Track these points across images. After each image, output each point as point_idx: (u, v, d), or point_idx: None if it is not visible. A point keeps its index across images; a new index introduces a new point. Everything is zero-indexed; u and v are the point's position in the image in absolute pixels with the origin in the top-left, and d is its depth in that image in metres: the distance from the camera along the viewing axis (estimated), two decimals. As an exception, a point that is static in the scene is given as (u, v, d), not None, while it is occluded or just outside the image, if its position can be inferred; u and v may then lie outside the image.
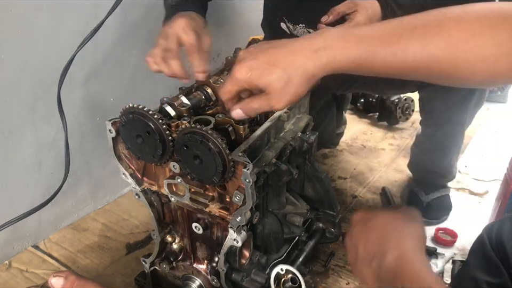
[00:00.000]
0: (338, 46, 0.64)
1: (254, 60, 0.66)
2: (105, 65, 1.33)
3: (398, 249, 0.63)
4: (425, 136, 1.40)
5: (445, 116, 1.30)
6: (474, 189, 1.59)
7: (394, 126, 2.00)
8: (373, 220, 0.69)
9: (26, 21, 1.09)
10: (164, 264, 0.99)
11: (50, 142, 1.26)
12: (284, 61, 0.64)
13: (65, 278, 0.69)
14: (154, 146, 0.79)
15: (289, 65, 0.64)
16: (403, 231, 0.67)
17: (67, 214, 1.39)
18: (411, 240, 0.66)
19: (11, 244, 1.26)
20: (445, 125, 1.32)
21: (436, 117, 1.33)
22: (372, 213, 0.71)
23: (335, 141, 1.84)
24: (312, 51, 0.64)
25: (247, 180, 0.73)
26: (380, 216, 0.70)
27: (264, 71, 0.64)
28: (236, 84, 0.67)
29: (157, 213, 0.95)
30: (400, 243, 0.64)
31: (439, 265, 1.21)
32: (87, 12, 1.20)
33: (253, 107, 0.68)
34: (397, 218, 0.69)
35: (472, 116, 1.33)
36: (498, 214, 1.29)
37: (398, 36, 0.62)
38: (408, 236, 0.66)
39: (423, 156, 1.45)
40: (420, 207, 1.42)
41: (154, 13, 1.42)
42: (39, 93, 1.18)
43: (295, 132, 0.95)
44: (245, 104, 0.69)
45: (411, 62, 0.62)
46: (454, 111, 1.29)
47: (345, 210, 1.47)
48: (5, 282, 1.18)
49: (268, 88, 0.65)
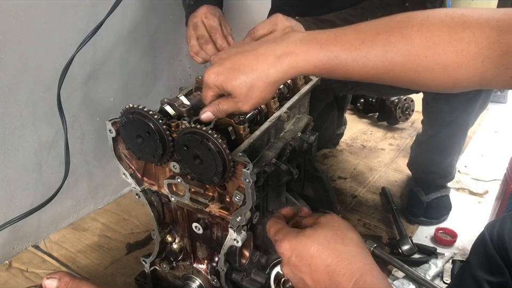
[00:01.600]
0: (300, 51, 0.65)
1: (220, 66, 0.68)
2: (105, 65, 1.33)
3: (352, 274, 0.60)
4: (427, 136, 1.40)
5: (449, 117, 1.30)
6: (474, 189, 1.59)
7: (394, 126, 2.00)
8: (305, 248, 0.64)
9: (26, 21, 1.09)
10: (164, 264, 0.99)
11: (50, 142, 1.26)
12: (247, 66, 0.66)
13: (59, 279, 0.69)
14: (154, 146, 0.79)
15: (252, 71, 0.66)
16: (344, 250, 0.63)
17: (67, 214, 1.40)
18: (359, 256, 0.62)
19: (11, 244, 1.26)
20: (448, 126, 1.32)
21: (440, 118, 1.33)
22: (297, 240, 0.65)
23: (335, 141, 1.84)
24: (275, 57, 0.66)
25: (247, 180, 0.73)
26: (311, 242, 0.64)
27: (228, 76, 0.67)
28: (209, 89, 0.70)
29: (157, 213, 0.95)
30: (351, 265, 0.61)
31: (439, 265, 1.21)
32: (87, 12, 1.20)
33: (222, 108, 0.71)
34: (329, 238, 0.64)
35: (477, 117, 1.33)
36: (498, 213, 1.29)
37: (360, 42, 0.63)
38: (353, 253, 0.63)
39: (424, 156, 1.45)
40: (420, 207, 1.43)
41: (154, 13, 1.42)
42: (39, 93, 1.18)
43: (295, 132, 0.95)
44: (214, 106, 0.72)
45: (372, 67, 0.63)
46: (459, 113, 1.28)
47: (345, 210, 1.47)
48: (5, 282, 1.18)
49: (233, 93, 0.68)
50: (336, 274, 0.60)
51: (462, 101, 1.25)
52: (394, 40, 0.62)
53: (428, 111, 1.38)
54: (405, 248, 1.24)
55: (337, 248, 0.62)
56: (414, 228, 1.40)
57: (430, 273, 1.19)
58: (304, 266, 0.63)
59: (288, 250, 0.66)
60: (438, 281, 1.20)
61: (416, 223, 1.41)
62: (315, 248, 0.63)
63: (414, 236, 1.37)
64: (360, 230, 1.38)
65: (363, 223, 1.42)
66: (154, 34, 1.45)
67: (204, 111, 0.73)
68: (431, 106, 1.35)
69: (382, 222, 1.42)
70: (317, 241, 0.63)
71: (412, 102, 1.96)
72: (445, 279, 1.20)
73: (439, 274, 1.21)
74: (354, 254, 0.62)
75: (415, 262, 1.23)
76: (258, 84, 0.66)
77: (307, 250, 0.63)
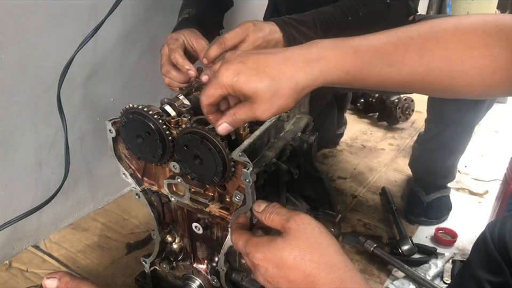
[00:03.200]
0: (332, 56, 0.60)
1: (242, 63, 0.61)
2: (105, 65, 1.33)
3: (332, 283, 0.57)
4: (430, 135, 1.39)
5: (455, 116, 1.28)
6: (474, 189, 1.59)
7: (394, 126, 2.00)
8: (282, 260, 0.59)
9: (26, 21, 1.09)
10: (164, 264, 0.99)
11: (50, 142, 1.26)
12: (274, 69, 0.60)
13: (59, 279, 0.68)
14: (154, 146, 0.79)
15: (279, 75, 0.60)
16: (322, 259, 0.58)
17: (67, 214, 1.39)
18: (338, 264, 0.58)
19: (11, 244, 1.26)
20: (453, 125, 1.31)
21: (446, 117, 1.31)
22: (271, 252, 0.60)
23: (335, 141, 1.84)
24: (305, 61, 0.60)
25: (247, 180, 0.73)
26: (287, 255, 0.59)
27: (252, 77, 0.60)
28: (220, 88, 0.62)
29: (157, 213, 0.95)
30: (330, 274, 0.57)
31: (439, 265, 1.21)
32: (87, 12, 1.20)
33: (240, 118, 0.64)
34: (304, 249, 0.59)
35: (483, 117, 1.32)
36: (498, 213, 1.30)
37: (394, 46, 0.60)
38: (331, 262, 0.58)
39: (426, 155, 1.45)
40: (420, 207, 1.43)
41: (154, 13, 1.42)
42: (39, 93, 1.18)
43: (295, 132, 0.95)
44: (230, 116, 0.65)
45: (407, 73, 0.60)
46: (465, 112, 1.27)
47: (345, 210, 1.47)
48: (5, 282, 1.18)
49: (254, 97, 0.61)
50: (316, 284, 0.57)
51: (469, 100, 1.23)
52: (429, 44, 0.60)
53: (433, 110, 1.37)
54: (405, 248, 1.24)
55: (314, 259, 0.58)
56: (414, 227, 1.40)
57: (430, 273, 1.19)
58: (281, 278, 0.59)
59: (263, 262, 0.60)
60: (438, 281, 1.20)
61: (416, 223, 1.41)
62: (291, 261, 0.58)
63: (414, 236, 1.37)
64: (360, 230, 1.38)
65: (363, 223, 1.42)
66: (154, 34, 1.45)
67: (220, 123, 0.66)
68: (436, 104, 1.33)
69: (382, 222, 1.42)
70: (292, 253, 0.58)
71: (412, 102, 1.96)
72: (445, 279, 1.20)
73: (439, 274, 1.21)
74: (333, 263, 0.58)
75: (415, 262, 1.23)
76: (285, 90, 0.60)
77: (283, 262, 0.58)
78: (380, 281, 1.20)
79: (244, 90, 0.61)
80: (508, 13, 3.45)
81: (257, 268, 0.62)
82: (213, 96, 0.64)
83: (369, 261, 1.26)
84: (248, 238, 0.64)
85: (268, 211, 0.65)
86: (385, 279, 1.21)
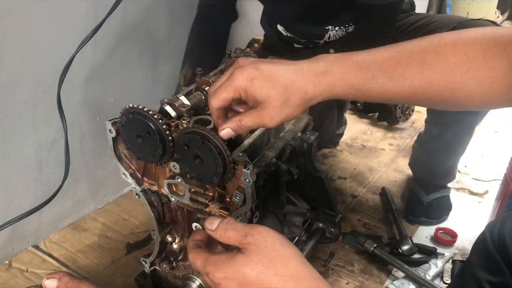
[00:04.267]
0: (337, 70, 0.63)
1: (256, 69, 0.63)
2: (105, 65, 1.33)
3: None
4: (430, 135, 1.39)
5: (455, 117, 1.28)
6: (474, 189, 1.59)
7: (394, 126, 2.00)
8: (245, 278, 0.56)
9: (26, 21, 1.09)
10: (164, 264, 0.99)
11: (50, 142, 1.26)
12: (286, 78, 0.62)
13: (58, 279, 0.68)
14: (154, 146, 0.79)
15: (291, 84, 0.62)
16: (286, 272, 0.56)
17: (67, 214, 1.39)
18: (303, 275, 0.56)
19: (11, 244, 1.26)
20: (453, 125, 1.30)
21: (446, 117, 1.31)
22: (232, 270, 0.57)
23: (335, 141, 1.84)
24: (313, 74, 0.63)
25: (247, 180, 0.73)
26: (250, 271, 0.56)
27: (266, 83, 0.62)
28: (233, 91, 0.64)
29: (157, 213, 0.95)
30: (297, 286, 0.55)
31: (439, 265, 1.21)
32: (87, 12, 1.20)
33: (245, 125, 0.65)
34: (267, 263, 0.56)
35: (483, 117, 1.32)
36: (498, 214, 1.30)
37: (395, 61, 0.63)
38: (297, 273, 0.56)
39: (426, 155, 1.45)
40: (420, 207, 1.42)
41: (154, 13, 1.42)
42: (39, 93, 1.18)
43: (295, 132, 0.95)
44: (236, 122, 0.66)
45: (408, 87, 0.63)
46: (466, 113, 1.27)
47: (345, 210, 1.47)
48: (5, 282, 1.18)
49: (265, 103, 0.63)
50: None
51: None
52: (429, 58, 0.62)
53: (433, 110, 1.36)
54: (405, 248, 1.24)
55: (278, 272, 0.56)
56: (414, 228, 1.40)
57: (430, 273, 1.19)
58: None
59: (224, 281, 0.58)
60: (438, 281, 1.20)
61: (416, 223, 1.41)
62: (254, 277, 0.56)
63: (414, 236, 1.37)
64: (360, 230, 1.38)
65: (363, 223, 1.42)
66: (154, 34, 1.45)
67: (223, 127, 0.67)
68: None
69: (382, 222, 1.42)
70: (255, 269, 0.56)
71: (412, 102, 1.96)
72: (445, 279, 1.20)
73: (439, 274, 1.21)
74: (298, 274, 0.56)
75: (415, 262, 1.23)
76: (295, 99, 0.63)
77: (247, 280, 0.56)
78: (380, 281, 1.20)
79: (257, 95, 0.63)
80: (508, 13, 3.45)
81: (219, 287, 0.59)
82: (225, 100, 0.65)
83: (369, 261, 1.26)
84: (207, 257, 0.61)
85: (222, 228, 0.62)
86: (385, 279, 1.21)
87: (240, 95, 0.64)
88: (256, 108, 0.64)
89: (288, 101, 0.63)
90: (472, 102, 0.63)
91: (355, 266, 1.24)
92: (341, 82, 0.63)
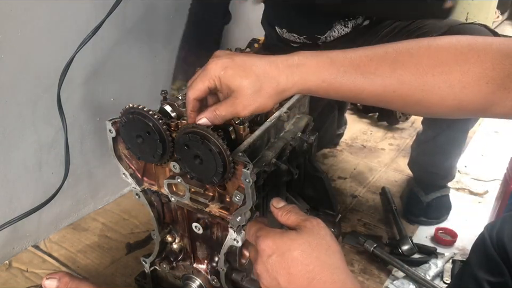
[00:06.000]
0: (311, 64, 0.65)
1: (231, 59, 0.65)
2: (105, 65, 1.33)
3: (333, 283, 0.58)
4: (426, 137, 1.39)
5: (447, 121, 1.28)
6: (474, 188, 1.59)
7: (394, 126, 2.00)
8: (289, 250, 0.60)
9: (26, 21, 1.09)
10: (164, 264, 0.99)
11: (50, 142, 1.26)
12: (259, 68, 0.65)
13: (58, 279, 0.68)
14: (154, 146, 0.79)
15: (264, 74, 0.64)
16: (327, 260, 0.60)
17: (67, 214, 1.40)
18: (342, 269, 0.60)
19: (11, 244, 1.26)
20: (447, 129, 1.31)
21: (439, 121, 1.31)
22: (282, 240, 0.61)
23: (335, 141, 1.84)
24: (287, 66, 0.65)
25: (247, 180, 0.73)
26: (296, 246, 0.60)
27: (239, 72, 0.64)
28: (208, 80, 0.66)
29: (157, 213, 0.95)
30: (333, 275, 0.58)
31: (439, 265, 1.21)
32: (87, 12, 1.20)
33: (219, 114, 0.68)
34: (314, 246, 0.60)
35: (476, 121, 1.32)
36: (498, 214, 1.30)
37: (368, 59, 0.64)
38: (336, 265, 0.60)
39: (424, 157, 1.45)
40: (420, 207, 1.42)
41: (154, 13, 1.42)
42: (39, 93, 1.18)
43: (295, 132, 0.95)
44: (211, 112, 0.69)
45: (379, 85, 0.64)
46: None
47: (345, 210, 1.47)
48: (5, 282, 1.18)
49: (238, 91, 0.65)
50: (317, 281, 0.58)
51: None
52: (402, 58, 0.63)
53: None
54: (405, 248, 1.24)
55: (320, 257, 0.59)
56: (414, 227, 1.40)
57: (430, 273, 1.19)
58: (282, 268, 0.60)
59: (270, 248, 0.61)
60: (438, 281, 1.20)
61: (416, 223, 1.41)
62: (298, 253, 0.59)
63: (414, 235, 1.37)
64: (360, 230, 1.38)
65: (363, 223, 1.42)
66: (154, 34, 1.45)
67: (200, 117, 0.70)
68: None
69: (382, 222, 1.42)
70: (301, 246, 0.60)
71: (412, 102, 1.96)
72: (445, 279, 1.20)
73: (439, 274, 1.22)
74: (337, 266, 0.60)
75: (415, 262, 1.23)
76: (267, 89, 0.65)
77: (290, 253, 0.60)
78: (380, 281, 1.20)
79: (230, 83, 0.65)
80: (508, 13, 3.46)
81: (260, 255, 0.62)
82: (200, 90, 0.68)
83: (369, 261, 1.26)
84: (263, 227, 0.66)
85: (286, 209, 0.67)
86: (385, 279, 1.21)
87: (215, 84, 0.66)
88: (230, 97, 0.67)
89: (261, 90, 0.64)
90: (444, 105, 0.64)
91: (355, 266, 1.24)
92: (314, 76, 0.65)
